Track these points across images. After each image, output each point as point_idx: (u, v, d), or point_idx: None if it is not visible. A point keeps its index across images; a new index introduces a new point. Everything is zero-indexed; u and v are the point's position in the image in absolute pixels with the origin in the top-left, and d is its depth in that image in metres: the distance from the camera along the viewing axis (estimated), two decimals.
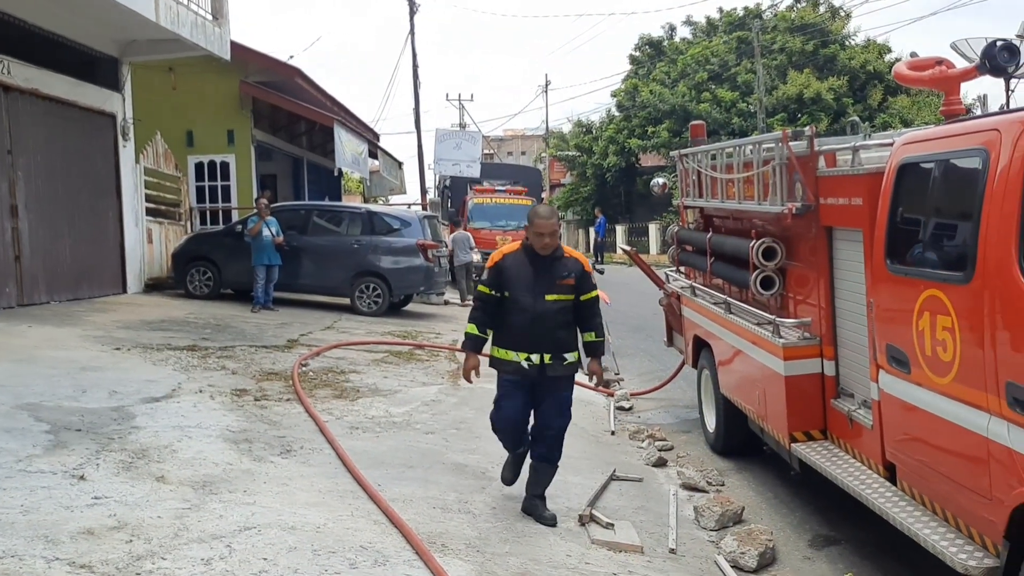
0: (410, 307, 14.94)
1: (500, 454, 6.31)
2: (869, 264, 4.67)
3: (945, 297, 3.79)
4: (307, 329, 11.23)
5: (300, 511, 4.51)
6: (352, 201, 26.14)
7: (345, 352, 9.79)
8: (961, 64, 5.23)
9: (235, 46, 13.87)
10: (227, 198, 17.06)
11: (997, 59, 4.54)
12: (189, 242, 14.34)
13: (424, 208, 24.06)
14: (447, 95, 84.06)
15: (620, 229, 36.79)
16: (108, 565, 3.52)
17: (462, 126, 43.13)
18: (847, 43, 34.42)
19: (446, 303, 16.41)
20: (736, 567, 4.83)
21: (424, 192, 28.25)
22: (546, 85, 50.39)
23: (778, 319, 5.68)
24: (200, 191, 16.99)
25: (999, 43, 4.62)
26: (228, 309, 12.55)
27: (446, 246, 15.86)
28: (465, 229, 20.20)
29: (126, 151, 13.19)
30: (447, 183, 23.50)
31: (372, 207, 16.66)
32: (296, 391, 7.32)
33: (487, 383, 8.92)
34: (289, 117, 18.75)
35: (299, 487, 4.96)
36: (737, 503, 5.74)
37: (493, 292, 5.04)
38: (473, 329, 5.10)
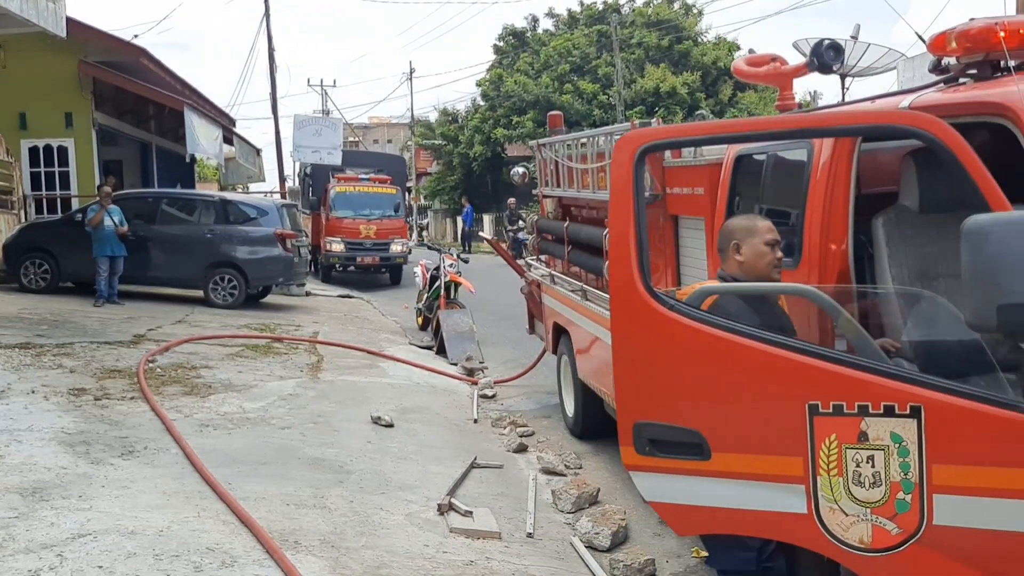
0: (269, 299, 14.50)
1: (359, 448, 6.25)
2: (711, 251, 4.88)
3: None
4: (156, 323, 10.69)
5: (142, 515, 4.29)
6: (208, 189, 25.05)
7: (197, 347, 9.39)
8: (797, 61, 5.54)
9: (73, 23, 12.96)
10: (66, 185, 15.97)
11: (824, 57, 4.83)
12: (23, 232, 13.36)
13: (283, 196, 23.37)
14: (308, 80, 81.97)
15: (488, 218, 37.01)
16: None
17: (325, 112, 42.15)
18: (700, 40, 35.86)
19: (308, 294, 16.02)
20: (591, 547, 4.95)
21: (283, 180, 27.44)
22: (411, 73, 49.74)
23: None
24: (35, 178, 15.82)
25: (826, 42, 4.91)
26: (68, 304, 11.78)
27: (305, 235, 15.47)
28: (327, 218, 19.78)
29: None
30: (308, 171, 22.86)
31: (227, 195, 16.03)
32: (141, 388, 6.96)
33: (348, 375, 8.85)
34: (136, 100, 17.74)
35: (142, 489, 4.72)
36: (593, 485, 5.89)
37: None
38: None
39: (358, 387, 8.36)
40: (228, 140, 20.12)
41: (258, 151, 23.36)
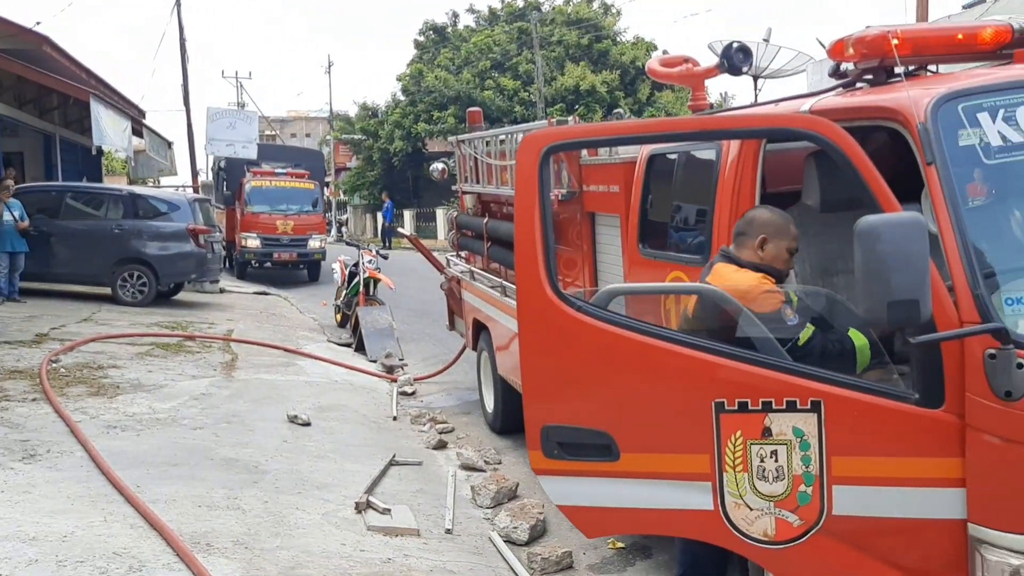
0: (181, 296, 14.09)
1: (275, 447, 6.15)
2: (626, 248, 4.96)
3: (687, 278, 4.11)
4: (60, 322, 10.28)
5: (44, 520, 4.14)
6: (117, 183, 24.16)
7: (104, 346, 9.06)
8: (709, 63, 5.69)
9: None
10: None
11: (734, 60, 4.97)
12: None
13: (196, 191, 22.73)
14: (223, 72, 79.76)
15: (408, 214, 36.75)
16: None
17: (240, 105, 41.13)
18: (618, 39, 36.35)
19: (222, 291, 15.64)
20: (509, 541, 4.99)
21: (196, 174, 26.67)
22: (329, 66, 48.90)
23: None
24: None
25: (736, 45, 5.05)
26: None
27: (219, 230, 15.09)
28: (243, 213, 19.35)
29: None
30: (222, 165, 22.27)
31: (136, 189, 15.48)
32: (44, 389, 6.69)
33: (264, 374, 8.68)
34: (39, 89, 16.95)
35: (44, 494, 4.55)
36: (512, 480, 5.94)
37: None
38: None
39: (274, 386, 8.22)
40: (137, 132, 19.42)
41: (169, 144, 22.65)
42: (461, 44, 37.23)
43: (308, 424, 6.88)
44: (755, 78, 5.57)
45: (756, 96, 5.53)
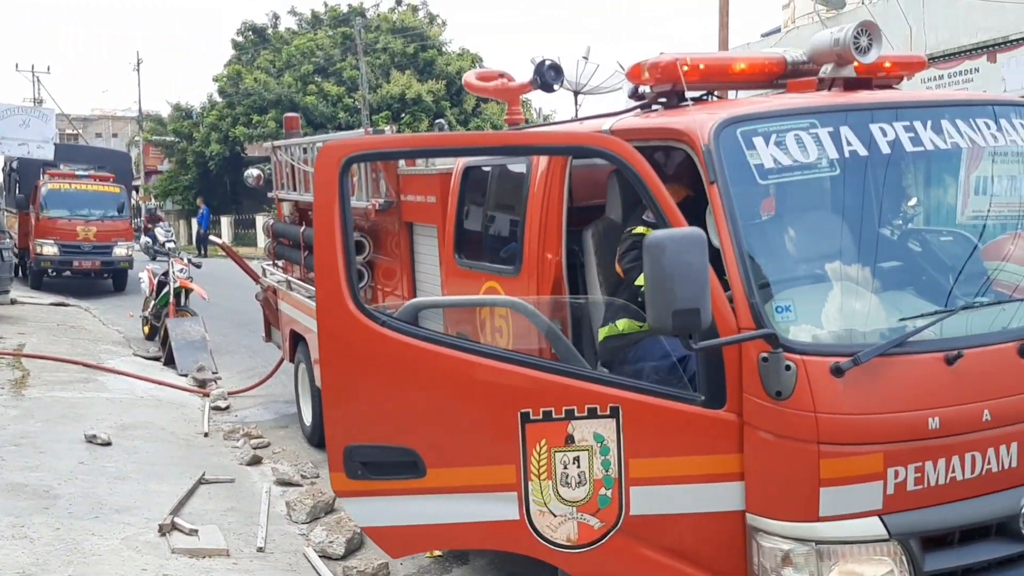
0: None
1: (70, 469, 5.72)
2: (443, 258, 5.02)
3: (501, 288, 4.21)
4: None
5: None
6: None
7: None
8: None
9: None
10: None
11: (545, 77, 5.16)
12: None
13: None
14: (17, 65, 73.29)
15: (226, 220, 35.25)
16: None
17: (38, 101, 37.98)
18: (444, 50, 36.62)
19: (13, 302, 14.33)
20: (325, 556, 4.90)
21: None
22: (138, 63, 46.10)
23: None
24: None
25: (548, 62, 5.25)
26: None
27: (9, 237, 13.86)
28: (38, 218, 17.87)
29: None
30: (14, 165, 20.40)
31: None
32: None
33: (59, 391, 8.05)
34: None
35: None
36: (329, 494, 5.82)
37: None
38: None
39: (71, 404, 7.65)
40: None
41: None
42: (282, 47, 36.19)
43: (109, 444, 6.46)
44: (575, 94, 5.79)
45: (576, 112, 5.75)
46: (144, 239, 17.77)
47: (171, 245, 16.86)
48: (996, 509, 2.83)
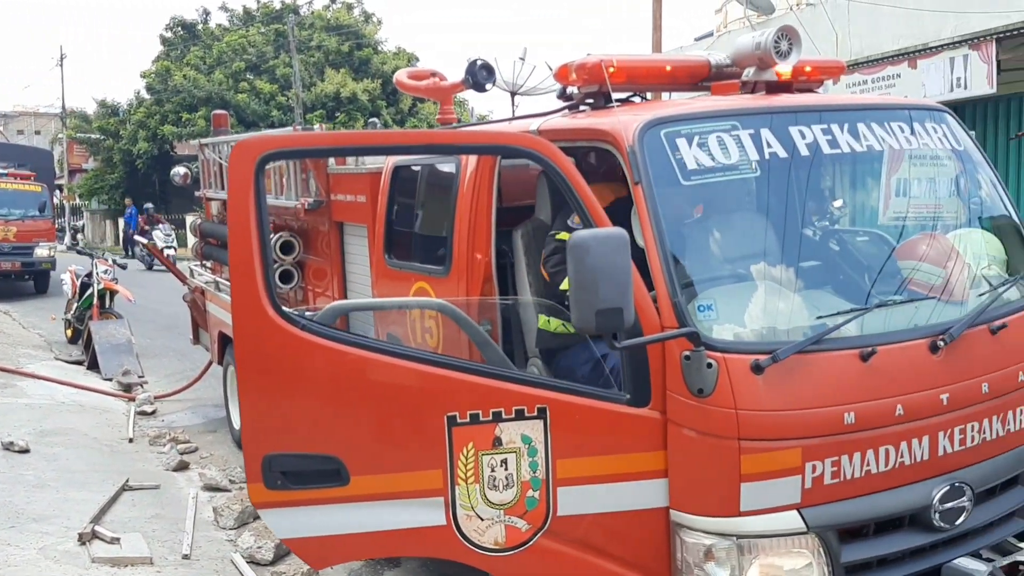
0: None
1: None
2: (373, 258, 4.97)
3: (431, 288, 4.19)
4: None
5: None
6: None
7: None
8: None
9: None
10: None
11: (477, 76, 5.15)
12: None
13: None
14: None
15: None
16: None
17: None
18: (380, 48, 36.29)
19: None
20: (253, 562, 4.81)
21: None
22: (61, 58, 44.58)
23: None
24: None
25: (480, 62, 5.24)
26: None
27: None
28: None
29: None
30: None
31: None
32: None
33: None
34: None
35: None
36: None
37: None
38: None
39: None
40: None
41: None
42: (213, 43, 35.39)
43: (27, 451, 6.23)
44: (512, 95, 5.79)
45: (513, 112, 5.75)
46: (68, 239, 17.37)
47: (171, 252, 16.33)
48: (909, 501, 2.92)
